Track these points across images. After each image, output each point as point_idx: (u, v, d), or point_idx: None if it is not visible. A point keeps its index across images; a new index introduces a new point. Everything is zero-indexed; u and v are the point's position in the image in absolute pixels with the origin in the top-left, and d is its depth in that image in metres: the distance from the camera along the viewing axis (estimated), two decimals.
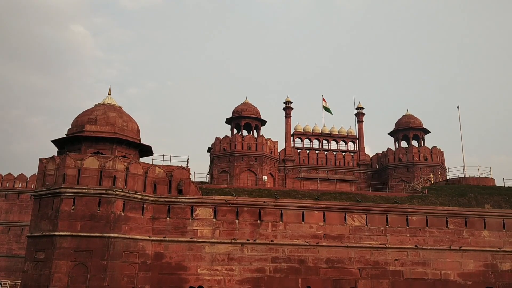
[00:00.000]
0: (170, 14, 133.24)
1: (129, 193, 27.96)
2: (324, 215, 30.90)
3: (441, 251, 31.29)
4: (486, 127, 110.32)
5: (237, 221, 29.86)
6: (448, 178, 43.39)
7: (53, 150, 45.33)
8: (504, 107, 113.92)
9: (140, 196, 28.46)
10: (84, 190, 27.19)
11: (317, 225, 30.63)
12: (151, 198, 29.03)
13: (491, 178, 39.49)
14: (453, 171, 78.27)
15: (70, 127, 31.56)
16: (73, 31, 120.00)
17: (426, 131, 55.99)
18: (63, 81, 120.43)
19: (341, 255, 30.24)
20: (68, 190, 27.02)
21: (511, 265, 31.82)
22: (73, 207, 26.82)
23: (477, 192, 34.92)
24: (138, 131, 32.92)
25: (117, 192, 27.46)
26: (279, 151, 53.96)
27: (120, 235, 27.07)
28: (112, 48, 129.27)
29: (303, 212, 30.71)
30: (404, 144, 56.42)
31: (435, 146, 54.16)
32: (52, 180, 27.88)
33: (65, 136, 30.94)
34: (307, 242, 30.07)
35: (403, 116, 57.17)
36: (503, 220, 32.70)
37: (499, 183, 38.66)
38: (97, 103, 32.69)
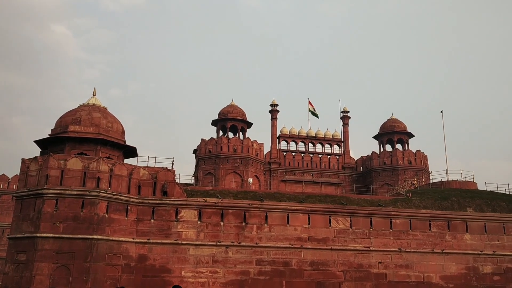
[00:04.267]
0: (152, 16, 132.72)
1: (113, 195, 27.70)
2: (309, 218, 30.98)
3: (424, 254, 31.60)
4: (468, 132, 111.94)
5: (222, 223, 29.79)
6: (431, 181, 43.99)
7: (35, 151, 44.67)
8: (486, 113, 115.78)
9: (124, 198, 28.22)
10: (67, 191, 26.86)
11: (302, 227, 30.70)
12: (135, 200, 28.80)
13: (473, 182, 40.08)
14: (437, 174, 79.11)
15: (53, 127, 31.17)
16: (54, 31, 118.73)
17: (411, 135, 56.56)
18: (45, 81, 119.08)
19: (326, 257, 30.34)
20: (50, 191, 26.66)
21: (492, 268, 32.28)
22: (55, 209, 26.48)
23: (459, 196, 35.37)
24: (123, 132, 32.66)
25: (101, 194, 27.18)
26: (264, 154, 54.00)
27: (104, 237, 26.78)
28: (94, 49, 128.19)
29: (288, 214, 30.76)
30: (388, 147, 56.94)
31: (419, 150, 54.73)
32: (34, 181, 27.49)
33: (48, 136, 30.56)
34: (292, 245, 30.12)
35: (388, 120, 57.67)
36: (485, 224, 33.17)
37: (481, 187, 39.27)
38: (81, 104, 32.33)
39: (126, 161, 32.31)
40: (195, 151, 55.60)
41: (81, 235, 26.29)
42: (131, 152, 32.73)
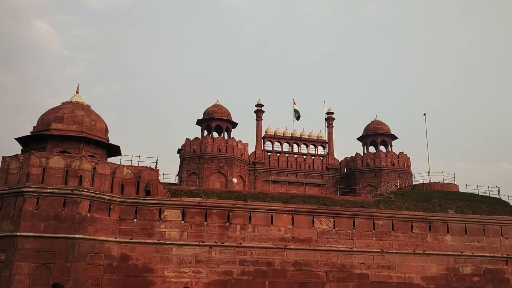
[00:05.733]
0: (137, 14, 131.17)
1: (96, 194, 27.43)
2: (292, 218, 31.08)
3: (405, 255, 31.94)
4: (450, 135, 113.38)
5: (205, 223, 29.71)
6: (414, 183, 44.36)
7: (17, 148, 44.10)
8: (468, 116, 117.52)
9: (107, 197, 27.96)
10: (48, 190, 26.52)
11: (285, 228, 30.79)
12: (118, 199, 28.55)
13: (454, 184, 40.59)
14: (419, 176, 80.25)
15: (35, 124, 30.77)
16: (36, 28, 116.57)
17: (394, 137, 57.10)
18: (26, 78, 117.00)
19: (309, 258, 30.48)
20: (31, 189, 26.30)
21: (472, 269, 32.78)
22: (36, 207, 26.12)
23: (441, 198, 35.84)
24: (107, 130, 32.38)
25: (83, 192, 26.90)
26: (249, 154, 53.97)
27: (86, 236, 26.51)
28: (77, 46, 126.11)
29: (272, 215, 30.81)
30: (372, 149, 57.38)
31: (402, 152, 55.27)
32: (15, 179, 27.07)
33: (30, 134, 30.14)
34: (275, 245, 30.18)
35: (371, 121, 58.11)
36: (465, 225, 33.67)
37: (462, 189, 39.77)
38: (64, 101, 31.98)
39: (110, 159, 32.04)
40: (179, 151, 55.33)
41: (63, 234, 25.98)
42: (115, 150, 32.46)
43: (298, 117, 58.79)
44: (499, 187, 38.98)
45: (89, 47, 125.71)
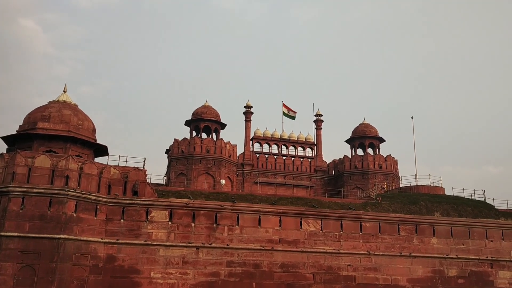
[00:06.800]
0: (126, 14, 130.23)
1: (82, 194, 27.19)
2: (280, 220, 31.12)
3: (392, 257, 32.15)
4: (437, 138, 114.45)
5: (193, 224, 29.61)
6: (401, 186, 44.75)
7: (2, 147, 43.56)
8: (454, 120, 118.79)
9: (93, 197, 27.73)
10: (34, 190, 26.22)
11: (273, 229, 30.81)
12: (105, 199, 28.33)
13: (441, 187, 41.00)
14: (406, 179, 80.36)
15: (21, 123, 30.43)
16: (23, 26, 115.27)
17: (382, 140, 57.44)
18: (13, 76, 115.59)
19: (296, 259, 30.53)
20: (17, 189, 25.99)
21: (457, 271, 33.12)
22: (21, 207, 25.81)
23: (427, 201, 36.15)
24: (94, 130, 32.13)
25: (69, 192, 26.64)
26: (238, 155, 53.92)
27: (71, 237, 26.25)
28: (64, 45, 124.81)
29: (259, 216, 30.82)
30: (360, 151, 57.65)
31: (390, 155, 55.62)
32: (0, 178, 26.72)
33: (15, 132, 29.80)
34: (263, 247, 30.17)
35: (360, 124, 58.42)
36: (451, 228, 34.00)
37: (448, 192, 40.17)
38: (51, 100, 31.68)
39: (97, 159, 31.81)
40: (167, 151, 55.08)
41: (48, 235, 25.70)
42: (102, 150, 32.23)
43: (292, 118, 58.83)
44: (484, 190, 39.57)
45: (77, 46, 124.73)
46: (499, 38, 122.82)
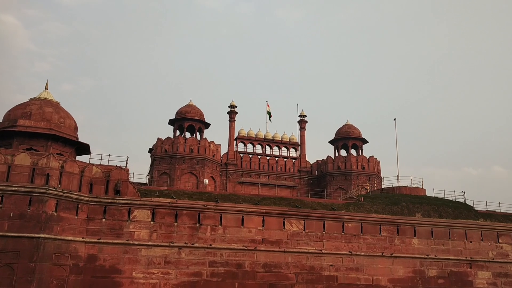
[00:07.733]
0: (109, 12, 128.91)
1: (63, 193, 26.83)
2: (263, 220, 31.15)
3: (373, 257, 32.44)
4: (419, 140, 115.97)
5: (175, 224, 29.46)
6: (383, 187, 45.13)
7: None
8: (435, 122, 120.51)
9: (74, 196, 27.39)
10: (13, 188, 25.78)
11: (256, 229, 30.82)
12: (86, 198, 28.01)
13: (422, 188, 41.49)
14: (388, 180, 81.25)
15: (1, 120, 29.91)
16: (2, 21, 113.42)
17: (365, 141, 57.93)
18: None
19: (278, 260, 30.59)
20: None
21: (437, 272, 33.56)
22: (0, 206, 25.36)
23: (409, 201, 36.57)
24: (76, 128, 31.77)
25: (50, 191, 26.26)
26: (221, 155, 53.82)
27: (51, 236, 25.89)
28: (46, 41, 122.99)
29: (242, 216, 30.80)
30: (343, 152, 58.08)
31: (372, 156, 56.14)
32: None
33: None
34: (246, 247, 30.17)
35: (343, 125, 58.85)
36: (432, 229, 34.45)
37: (429, 193, 40.70)
38: (32, 97, 31.23)
39: (79, 158, 31.45)
40: (150, 150, 54.71)
41: (27, 234, 25.30)
42: (84, 149, 31.88)
43: (269, 117, 59.08)
44: (464, 192, 40.14)
45: (58, 43, 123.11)
46: (481, 40, 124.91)
